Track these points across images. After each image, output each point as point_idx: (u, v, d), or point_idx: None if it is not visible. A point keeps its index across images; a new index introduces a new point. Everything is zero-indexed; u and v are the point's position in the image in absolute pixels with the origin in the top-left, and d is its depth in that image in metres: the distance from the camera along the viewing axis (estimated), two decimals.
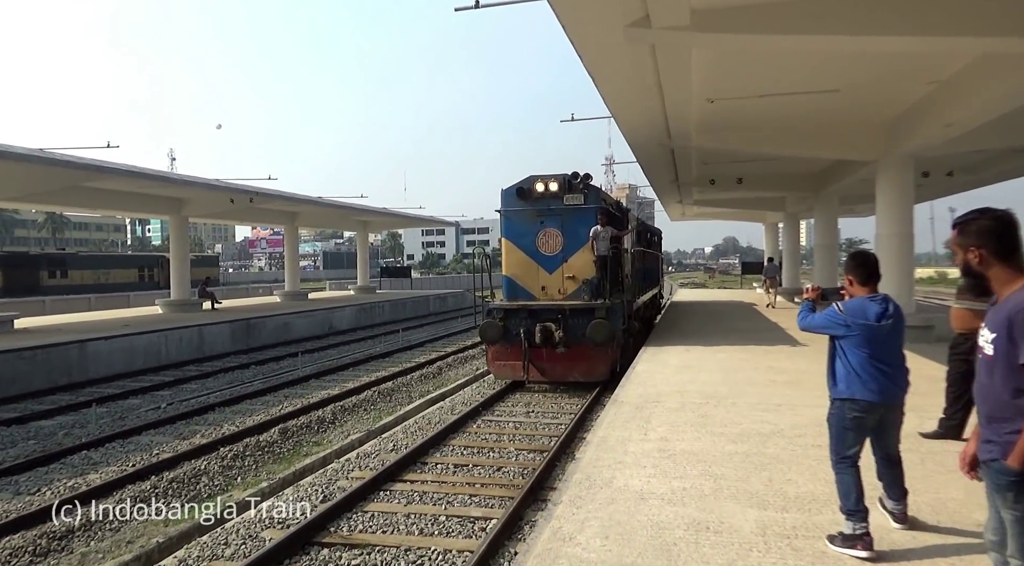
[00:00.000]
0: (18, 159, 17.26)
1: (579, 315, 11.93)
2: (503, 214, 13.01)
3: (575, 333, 11.85)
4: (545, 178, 12.57)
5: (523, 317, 12.19)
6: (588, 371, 11.87)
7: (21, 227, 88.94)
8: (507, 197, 12.95)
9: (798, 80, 11.42)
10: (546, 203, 12.67)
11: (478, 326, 12.59)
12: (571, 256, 12.65)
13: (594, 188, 12.85)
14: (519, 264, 12.94)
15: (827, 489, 5.10)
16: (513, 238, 13.01)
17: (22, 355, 15.04)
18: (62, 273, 41.96)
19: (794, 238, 32.11)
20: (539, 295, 12.81)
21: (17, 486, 8.61)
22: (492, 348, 12.45)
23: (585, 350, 11.78)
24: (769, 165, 20.02)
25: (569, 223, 12.59)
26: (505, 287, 13.12)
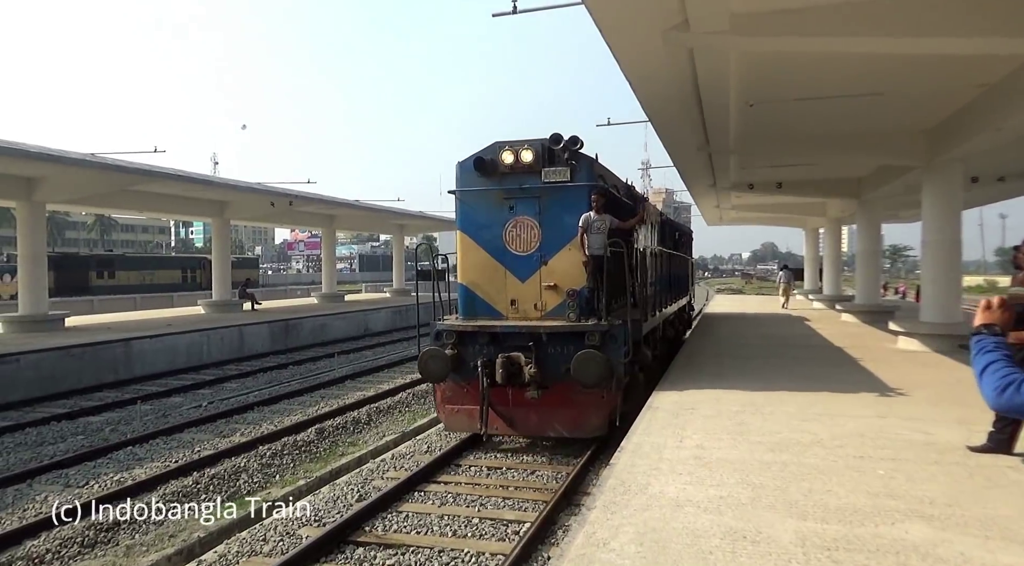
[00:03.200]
0: (72, 164, 17.94)
1: (562, 342, 8.43)
2: (457, 196, 9.31)
3: (555, 368, 8.39)
4: (515, 145, 8.87)
5: (482, 344, 8.71)
6: (574, 423, 8.44)
7: (72, 229, 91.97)
8: (464, 173, 9.20)
9: (840, 83, 11.20)
10: (517, 180, 8.94)
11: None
12: (552, 256, 8.89)
13: (586, 158, 8.92)
14: (479, 268, 9.14)
15: (870, 502, 5.00)
16: (471, 231, 9.20)
17: (72, 352, 15.56)
18: (109, 274, 43.28)
19: (836, 244, 31.42)
20: (507, 312, 9.02)
21: (67, 479, 8.91)
22: (441, 387, 9.04)
23: (569, 393, 8.32)
24: (810, 169, 19.63)
25: (550, 209, 8.88)
26: (461, 300, 9.29)
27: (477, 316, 9.15)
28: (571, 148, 8.78)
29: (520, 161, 8.87)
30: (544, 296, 8.97)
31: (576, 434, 8.57)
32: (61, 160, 17.51)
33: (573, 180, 8.86)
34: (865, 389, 9.54)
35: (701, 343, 15.72)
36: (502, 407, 8.69)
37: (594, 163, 9.11)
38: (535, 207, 8.97)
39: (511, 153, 8.87)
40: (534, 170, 8.90)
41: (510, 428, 8.82)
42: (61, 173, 18.39)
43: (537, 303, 8.99)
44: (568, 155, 8.80)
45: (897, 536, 4.38)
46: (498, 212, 9.10)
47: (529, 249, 9.04)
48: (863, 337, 16.40)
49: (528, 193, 8.98)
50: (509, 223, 9.06)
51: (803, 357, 13.03)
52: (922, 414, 7.92)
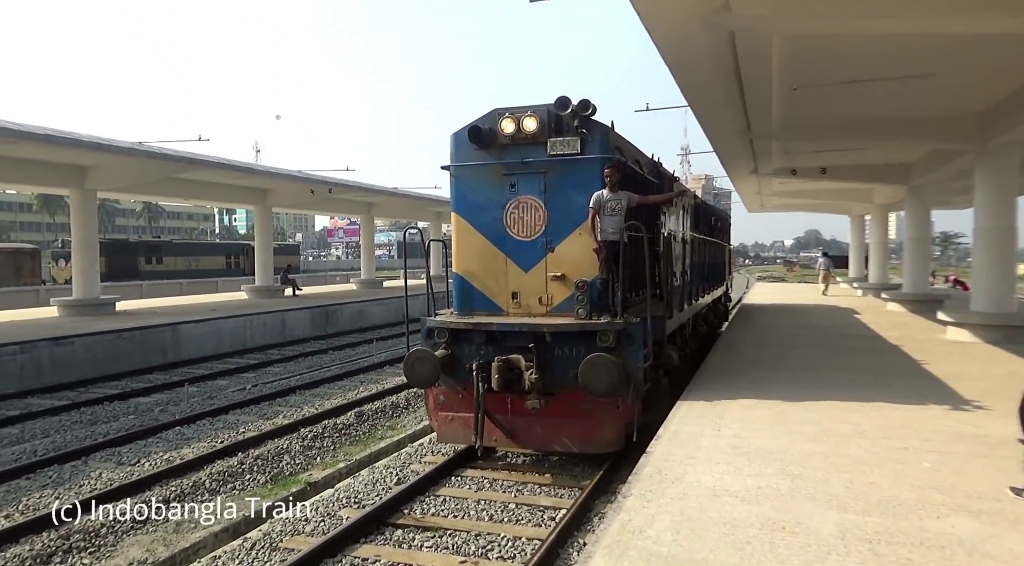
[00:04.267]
0: (121, 152, 18.49)
1: (569, 343, 7.30)
2: (452, 173, 8.19)
3: (563, 372, 7.24)
4: (517, 112, 7.71)
5: (478, 344, 7.64)
6: (585, 436, 7.32)
7: (121, 216, 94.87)
8: (458, 146, 8.07)
9: (890, 65, 10.84)
10: (519, 153, 7.79)
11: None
12: (560, 242, 7.70)
13: (599, 126, 7.63)
14: (477, 255, 8.03)
15: (913, 494, 4.91)
16: (467, 213, 8.12)
17: (123, 336, 16.12)
18: (157, 259, 44.57)
19: (882, 231, 30.52)
20: (507, 307, 7.92)
21: (119, 456, 9.27)
22: (434, 392, 7.98)
23: (579, 402, 7.17)
24: (856, 155, 19.07)
25: (558, 186, 7.69)
26: (456, 292, 8.27)
27: (474, 311, 8.03)
28: (581, 114, 7.47)
29: (522, 130, 7.65)
30: (550, 288, 7.76)
31: (586, 449, 7.45)
32: (111, 148, 18.06)
33: (584, 152, 7.60)
34: (911, 379, 9.31)
35: (738, 335, 15.51)
36: (501, 416, 7.56)
37: (609, 132, 7.75)
38: (540, 184, 7.77)
39: (512, 121, 7.68)
40: (539, 141, 7.69)
41: (511, 441, 7.68)
42: (111, 161, 18.97)
43: (542, 297, 7.78)
44: (578, 122, 7.53)
45: (942, 530, 4.29)
46: (497, 190, 7.93)
47: (533, 234, 7.82)
48: (910, 327, 15.97)
49: (532, 168, 7.76)
50: (510, 203, 7.86)
51: (846, 347, 12.76)
52: (971, 406, 7.70)
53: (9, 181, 21.24)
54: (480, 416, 7.41)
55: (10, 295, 29.31)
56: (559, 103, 7.51)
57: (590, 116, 7.56)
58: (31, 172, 18.72)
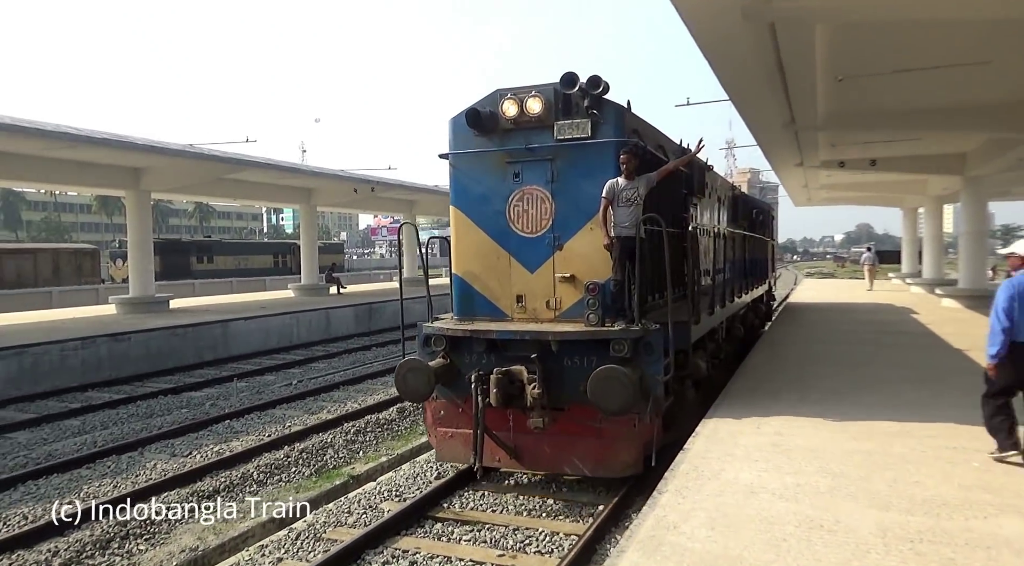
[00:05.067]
0: (173, 154, 19.17)
1: (579, 352, 6.62)
2: (451, 162, 7.50)
3: (572, 385, 6.51)
4: (520, 92, 6.93)
5: (479, 353, 7.00)
6: (597, 458, 6.61)
7: (174, 216, 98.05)
8: (457, 132, 7.37)
9: (942, 52, 10.49)
10: (524, 138, 7.03)
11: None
12: (570, 238, 6.92)
13: (613, 107, 6.84)
14: (478, 254, 7.33)
15: (960, 494, 4.79)
16: (467, 206, 7.43)
17: (176, 332, 16.72)
18: (208, 258, 45.93)
19: (937, 224, 29.50)
20: (512, 312, 7.17)
21: (172, 448, 9.64)
22: (432, 406, 7.40)
23: (591, 419, 6.50)
24: (907, 145, 18.49)
25: (566, 175, 6.92)
26: (456, 296, 7.61)
27: (476, 316, 7.31)
28: (591, 93, 6.60)
29: (526, 113, 6.87)
30: (559, 291, 6.94)
31: (600, 472, 6.69)
32: (163, 151, 18.73)
33: (595, 136, 6.77)
34: (965, 377, 8.99)
35: (781, 333, 15.22)
36: (504, 434, 6.89)
37: (625, 113, 6.95)
38: (546, 173, 6.96)
39: (514, 103, 6.89)
40: (545, 124, 6.90)
41: (515, 461, 6.99)
42: (163, 163, 19.67)
43: (550, 300, 6.99)
44: (588, 102, 6.66)
45: (989, 530, 4.18)
46: (500, 181, 7.16)
47: (539, 229, 7.02)
48: (965, 324, 15.41)
49: (537, 155, 6.97)
50: (514, 195, 7.09)
51: (896, 344, 12.42)
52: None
53: (68, 183, 22.20)
54: (479, 433, 6.65)
55: (72, 293, 30.65)
56: (565, 80, 6.63)
57: (601, 95, 6.66)
58: (89, 174, 19.54)
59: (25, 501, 7.69)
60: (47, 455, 9.41)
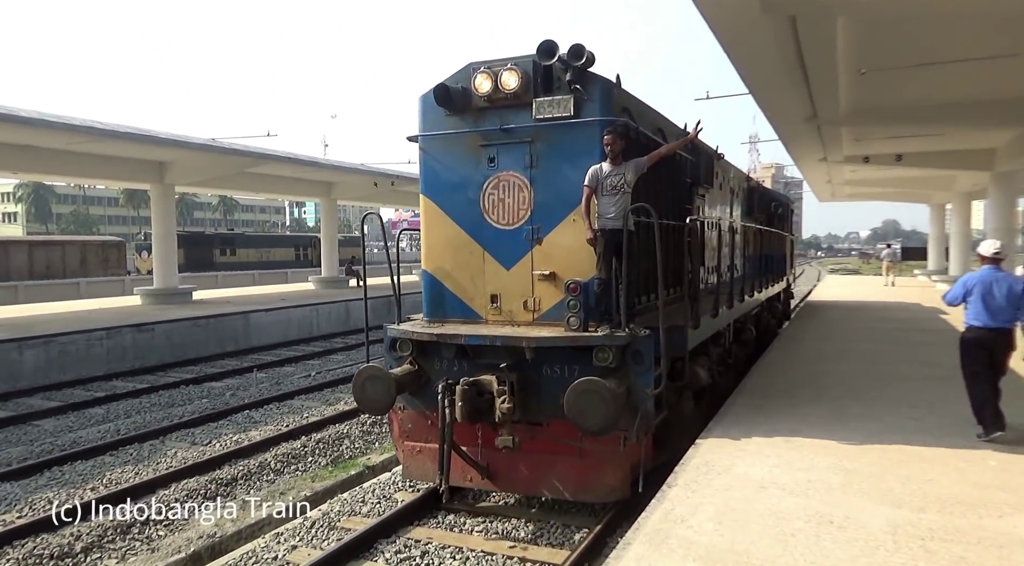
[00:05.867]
0: (196, 148, 19.45)
1: (559, 360, 5.94)
2: (420, 146, 6.74)
3: (551, 398, 5.79)
4: (495, 66, 6.17)
5: (449, 359, 6.33)
6: (579, 481, 5.91)
7: (199, 209, 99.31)
8: (427, 111, 6.59)
9: (969, 46, 10.28)
10: (499, 117, 6.27)
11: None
12: (550, 231, 6.17)
13: (599, 81, 6.04)
14: (449, 249, 6.62)
15: (975, 493, 4.73)
16: (437, 195, 6.68)
17: (198, 323, 16.99)
18: (231, 251, 46.52)
19: (964, 220, 29.00)
20: (486, 313, 6.45)
21: (193, 437, 9.82)
22: (399, 417, 6.71)
23: (573, 436, 5.78)
24: (934, 140, 18.17)
25: (547, 159, 6.16)
26: (426, 294, 6.88)
27: (447, 318, 6.62)
28: (573, 65, 5.82)
29: (501, 89, 6.09)
30: (538, 290, 6.18)
31: (582, 496, 5.98)
32: (187, 145, 19.02)
33: (579, 115, 5.99)
34: None
35: (800, 330, 15.05)
36: (476, 451, 6.21)
37: (613, 88, 6.15)
38: (524, 157, 6.20)
39: (488, 77, 6.12)
40: (523, 102, 6.13)
41: (488, 481, 6.27)
42: (187, 157, 19.96)
43: (528, 301, 6.22)
44: (571, 76, 5.87)
45: (1003, 530, 4.12)
46: (473, 166, 6.41)
47: (516, 220, 6.25)
48: None
49: (514, 136, 6.20)
50: (488, 182, 6.33)
51: (919, 341, 12.23)
52: None
53: (95, 177, 22.60)
54: (446, 450, 5.91)
55: (98, 285, 31.25)
56: (543, 50, 5.85)
57: (585, 67, 5.88)
58: (114, 168, 19.88)
59: (50, 486, 7.89)
60: (72, 442, 9.64)
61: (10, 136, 16.06)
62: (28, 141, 16.76)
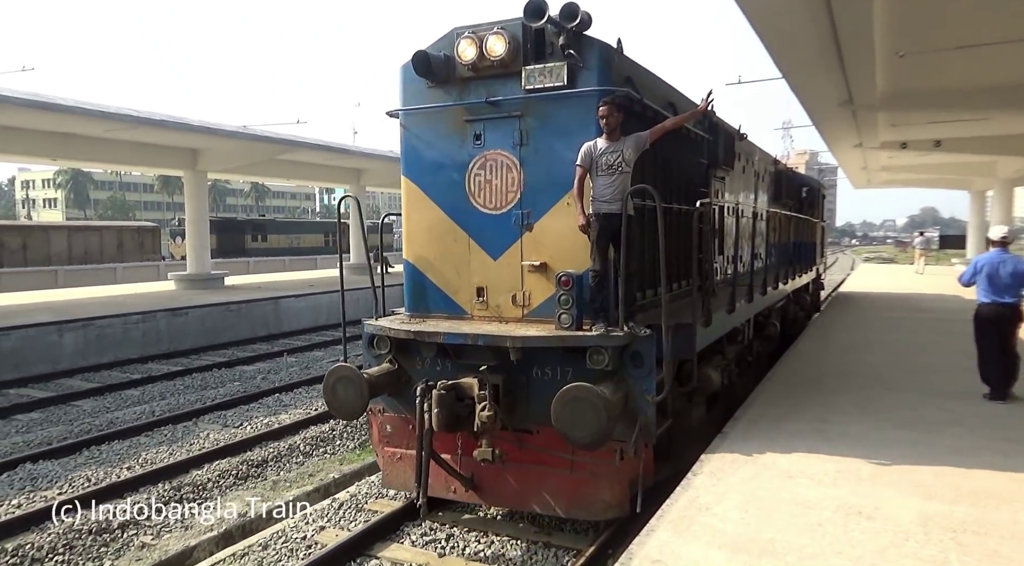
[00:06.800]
0: (228, 136, 19.72)
1: (550, 361, 5.40)
2: (401, 122, 6.10)
3: (541, 403, 5.18)
4: (481, 30, 5.50)
5: (430, 358, 5.76)
6: (572, 496, 5.34)
7: (231, 196, 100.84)
8: (408, 82, 5.94)
9: (1008, 26, 9.93)
10: (485, 89, 5.62)
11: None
12: (542, 216, 5.55)
13: (598, 46, 5.35)
14: (431, 236, 6.01)
15: (1011, 486, 4.63)
16: (419, 176, 6.03)
17: (230, 308, 17.31)
18: (262, 237, 47.17)
19: (1007, 208, 28.21)
20: (471, 308, 5.86)
21: (225, 419, 10.03)
22: (378, 420, 6.18)
23: (563, 447, 5.11)
24: (975, 125, 17.65)
25: (538, 135, 5.53)
26: (407, 287, 6.27)
27: (429, 313, 6.05)
28: (567, 27, 5.15)
29: (488, 55, 5.41)
30: (528, 283, 5.57)
31: (575, 513, 5.42)
32: (218, 132, 19.29)
33: (574, 84, 5.31)
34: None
35: (831, 319, 14.80)
36: (457, 459, 5.67)
37: (614, 54, 5.45)
38: (513, 133, 5.55)
39: (472, 43, 5.45)
40: (512, 71, 5.45)
41: (473, 494, 5.73)
42: (219, 144, 20.25)
43: (517, 295, 5.62)
44: (564, 41, 5.23)
45: None
46: (457, 144, 5.78)
47: (504, 204, 5.62)
48: None
49: (502, 110, 5.56)
50: (474, 161, 5.71)
51: (953, 331, 11.93)
52: None
53: (130, 164, 23.04)
54: (423, 459, 5.37)
55: (134, 270, 31.97)
56: (530, 9, 5.15)
57: (580, 30, 5.21)
58: (149, 155, 20.26)
59: (88, 464, 8.14)
60: (109, 423, 9.91)
61: (50, 124, 16.44)
62: (67, 129, 17.15)
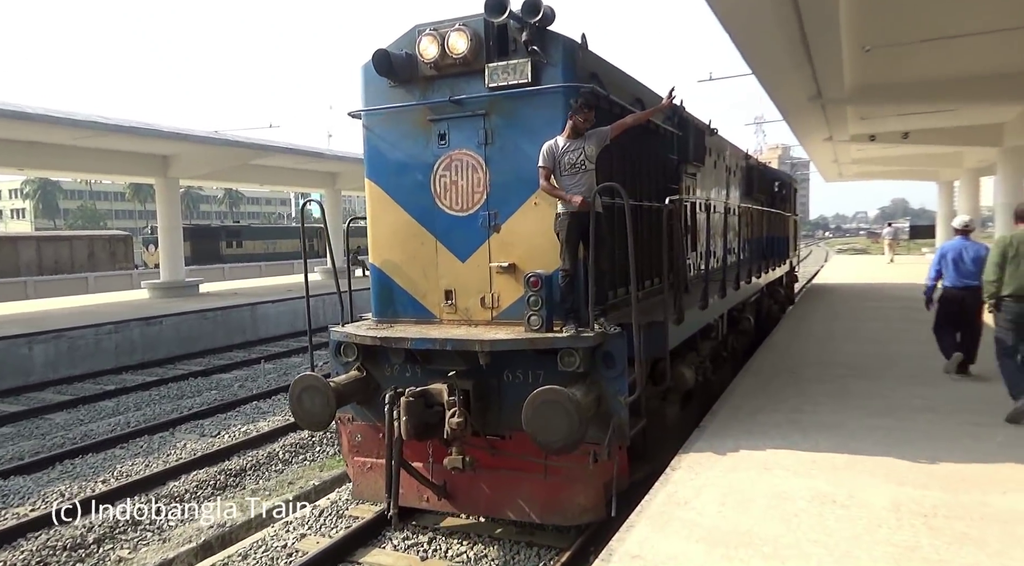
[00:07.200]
0: (199, 141, 19.48)
1: (521, 365, 5.30)
2: (363, 123, 5.97)
3: (512, 410, 5.07)
4: (443, 27, 5.43)
5: (399, 364, 5.69)
6: (546, 502, 5.23)
7: (205, 202, 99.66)
8: (370, 82, 5.82)
9: (973, 19, 10.15)
10: (448, 86, 5.54)
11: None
12: (509, 216, 5.47)
13: (561, 41, 5.27)
14: (397, 239, 5.90)
15: (980, 470, 4.73)
16: (383, 178, 5.93)
17: (206, 316, 17.09)
18: (238, 243, 46.69)
19: (973, 197, 28.76)
20: (440, 311, 5.77)
21: (202, 429, 9.90)
22: (347, 429, 6.07)
23: (534, 454, 5.05)
24: (941, 117, 17.98)
25: (504, 134, 5.44)
26: (374, 291, 6.14)
27: (397, 317, 5.93)
28: (529, 22, 5.06)
29: (450, 53, 5.33)
30: (496, 285, 5.49)
31: (550, 519, 5.30)
32: (189, 138, 19.04)
33: (539, 81, 5.22)
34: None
35: (808, 310, 14.99)
36: (429, 467, 5.52)
37: (578, 50, 5.36)
38: (478, 133, 5.46)
39: (434, 41, 5.36)
40: (475, 69, 5.37)
41: (446, 503, 5.61)
42: (190, 150, 20.00)
43: (486, 297, 5.54)
44: (527, 36, 5.12)
45: (1007, 506, 4.12)
46: (422, 145, 5.68)
47: (471, 206, 5.53)
48: None
49: (466, 109, 5.47)
50: (440, 162, 5.61)
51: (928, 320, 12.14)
52: None
53: (99, 172, 22.70)
54: (393, 467, 5.18)
55: (106, 279, 31.44)
56: (492, 4, 5.05)
57: (544, 26, 5.12)
58: (119, 163, 19.95)
59: (62, 479, 7.98)
60: (83, 435, 9.74)
61: (15, 132, 16.10)
62: (33, 137, 16.81)
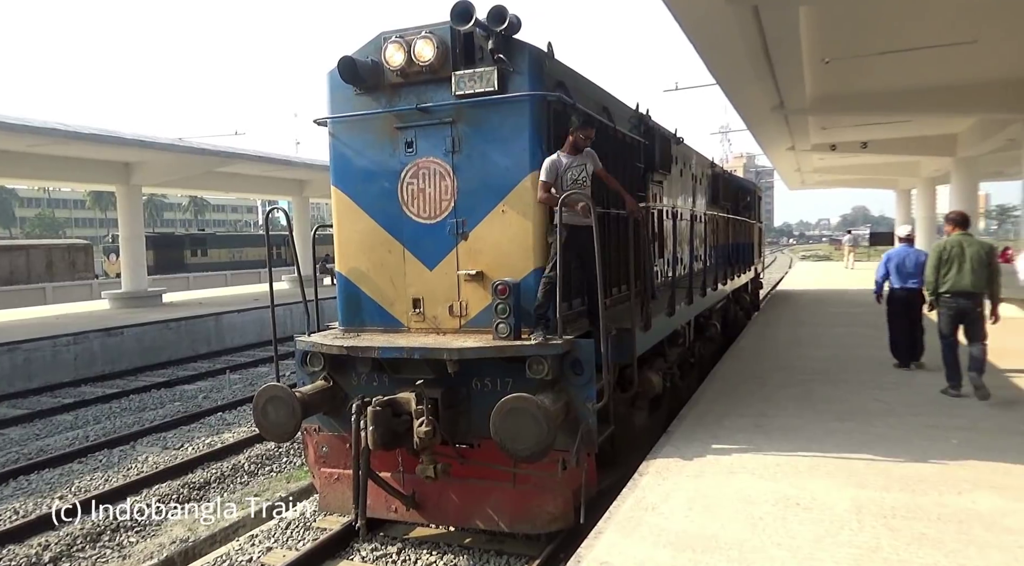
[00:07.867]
0: (162, 148, 19.12)
1: (490, 373, 5.32)
2: (329, 130, 5.96)
3: (480, 418, 5.06)
4: (409, 34, 5.43)
5: (366, 374, 5.67)
6: (516, 509, 5.22)
7: (169, 210, 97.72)
8: (335, 89, 5.84)
9: (927, 33, 10.48)
10: (414, 95, 5.55)
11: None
12: (477, 224, 5.45)
13: (527, 49, 5.29)
14: (364, 247, 5.86)
15: (936, 471, 4.85)
16: (349, 186, 5.89)
17: (169, 326, 16.73)
18: (203, 252, 45.83)
19: (930, 205, 29.61)
20: (408, 320, 5.72)
21: (165, 441, 9.68)
22: (314, 440, 6.01)
23: (502, 462, 5.05)
24: (898, 127, 18.52)
25: (471, 142, 5.45)
26: (340, 300, 6.12)
27: (365, 326, 5.88)
28: (495, 30, 5.08)
29: (416, 60, 5.34)
30: (464, 293, 5.47)
31: (518, 527, 5.30)
32: (152, 145, 18.68)
33: (505, 89, 5.22)
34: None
35: (773, 317, 15.25)
36: (397, 477, 5.51)
37: (544, 59, 5.40)
38: (445, 140, 5.46)
39: (400, 48, 5.37)
40: (441, 77, 5.37)
41: (415, 513, 5.57)
42: (153, 157, 19.61)
43: (454, 305, 5.52)
44: (494, 44, 5.15)
45: (963, 506, 4.24)
46: (388, 152, 5.66)
47: (439, 213, 5.52)
48: None
49: (433, 117, 5.48)
50: (407, 170, 5.59)
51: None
52: (1008, 383, 7.50)
53: (58, 179, 22.18)
54: (361, 478, 5.18)
55: (66, 289, 30.58)
56: (457, 12, 5.02)
57: (509, 34, 5.13)
58: (79, 170, 19.47)
59: (16, 496, 7.74)
60: (39, 450, 9.45)
61: None
62: None
